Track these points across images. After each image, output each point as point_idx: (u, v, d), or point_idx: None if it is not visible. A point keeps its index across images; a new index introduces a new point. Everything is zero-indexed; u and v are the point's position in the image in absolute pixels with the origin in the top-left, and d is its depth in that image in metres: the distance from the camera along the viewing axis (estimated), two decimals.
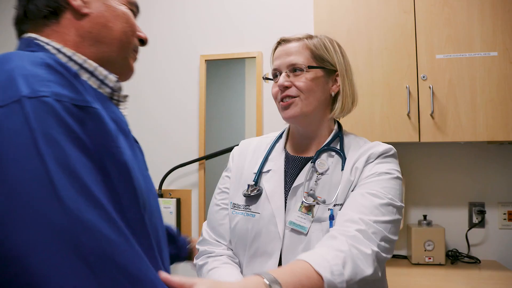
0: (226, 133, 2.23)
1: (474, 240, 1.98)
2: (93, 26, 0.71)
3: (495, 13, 1.68)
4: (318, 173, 1.01)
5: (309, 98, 1.02)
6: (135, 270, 0.52)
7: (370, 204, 0.91)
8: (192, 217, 2.21)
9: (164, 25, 2.32)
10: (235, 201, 1.07)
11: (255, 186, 1.05)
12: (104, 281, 0.49)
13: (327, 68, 1.04)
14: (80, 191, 0.51)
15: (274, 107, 2.12)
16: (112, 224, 0.52)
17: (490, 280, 1.66)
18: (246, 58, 2.19)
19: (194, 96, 2.25)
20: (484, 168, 1.99)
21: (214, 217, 1.10)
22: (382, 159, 1.00)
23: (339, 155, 1.03)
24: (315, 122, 1.06)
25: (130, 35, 0.76)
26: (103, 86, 0.70)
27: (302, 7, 2.14)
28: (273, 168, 1.07)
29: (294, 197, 1.01)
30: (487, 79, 1.68)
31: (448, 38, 1.72)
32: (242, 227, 1.03)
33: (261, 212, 1.02)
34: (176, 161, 2.20)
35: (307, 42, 1.05)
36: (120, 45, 0.74)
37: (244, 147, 1.18)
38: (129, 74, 0.81)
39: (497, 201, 1.98)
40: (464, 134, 1.69)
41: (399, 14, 1.77)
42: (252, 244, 1.01)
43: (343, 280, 0.77)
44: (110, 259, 0.50)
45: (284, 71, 1.04)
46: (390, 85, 1.76)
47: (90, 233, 0.49)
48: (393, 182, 0.97)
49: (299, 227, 0.96)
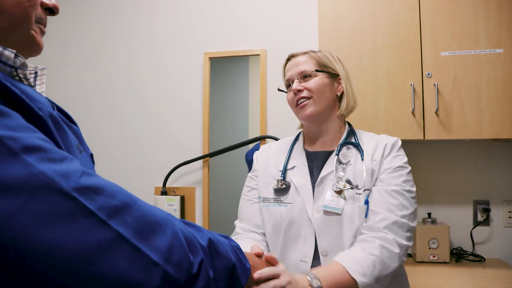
0: (230, 130, 2.23)
1: (479, 238, 1.97)
2: None
3: (500, 10, 1.67)
4: (342, 164, 1.17)
5: (320, 98, 1.19)
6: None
7: (396, 201, 1.09)
8: (196, 214, 2.21)
9: (168, 23, 2.33)
10: (264, 195, 1.22)
11: (284, 181, 1.20)
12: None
13: (331, 73, 1.23)
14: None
15: (277, 105, 2.13)
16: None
17: (494, 278, 1.65)
18: (250, 56, 2.19)
19: (198, 93, 2.25)
20: (489, 166, 1.98)
21: (248, 211, 1.26)
22: (396, 153, 1.17)
23: (356, 147, 1.20)
24: (327, 120, 1.23)
25: (26, 6, 0.66)
26: (1, 65, 0.62)
27: (306, 4, 2.13)
28: (297, 164, 1.23)
29: (321, 185, 1.16)
30: (492, 76, 1.67)
31: (453, 35, 1.71)
32: (276, 216, 1.17)
33: (292, 202, 1.17)
34: (180, 159, 2.21)
35: (311, 54, 1.24)
36: (13, 19, 0.65)
37: (265, 150, 1.35)
38: (35, 49, 0.71)
39: (502, 199, 1.97)
40: (469, 132, 1.68)
41: (404, 11, 1.76)
42: (287, 231, 1.15)
43: (373, 278, 0.97)
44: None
45: (296, 78, 1.22)
46: (395, 83, 1.75)
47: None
48: (410, 174, 1.15)
49: (334, 208, 1.11)
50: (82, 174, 0.54)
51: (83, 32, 2.44)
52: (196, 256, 0.62)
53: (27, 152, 0.50)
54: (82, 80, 2.40)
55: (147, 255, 0.55)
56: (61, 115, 0.79)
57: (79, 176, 0.53)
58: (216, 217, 2.19)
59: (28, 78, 0.67)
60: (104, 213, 0.53)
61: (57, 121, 0.66)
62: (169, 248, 0.58)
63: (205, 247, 0.64)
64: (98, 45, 2.41)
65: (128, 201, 0.57)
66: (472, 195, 2.00)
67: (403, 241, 1.05)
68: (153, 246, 0.56)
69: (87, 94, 2.40)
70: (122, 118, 2.34)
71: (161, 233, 0.58)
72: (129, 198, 0.57)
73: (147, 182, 2.28)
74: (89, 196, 0.52)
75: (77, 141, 0.77)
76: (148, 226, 0.57)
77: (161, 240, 0.57)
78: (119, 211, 0.55)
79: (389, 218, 1.06)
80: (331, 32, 1.81)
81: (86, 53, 2.41)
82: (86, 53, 2.41)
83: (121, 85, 2.36)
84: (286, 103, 1.18)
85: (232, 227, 1.28)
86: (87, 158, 0.79)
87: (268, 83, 2.15)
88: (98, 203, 0.53)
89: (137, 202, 0.58)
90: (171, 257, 0.58)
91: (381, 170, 1.15)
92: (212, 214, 2.19)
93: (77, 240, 0.50)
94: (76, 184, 0.52)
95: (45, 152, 0.52)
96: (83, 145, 0.82)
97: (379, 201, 1.10)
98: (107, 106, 2.37)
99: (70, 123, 0.82)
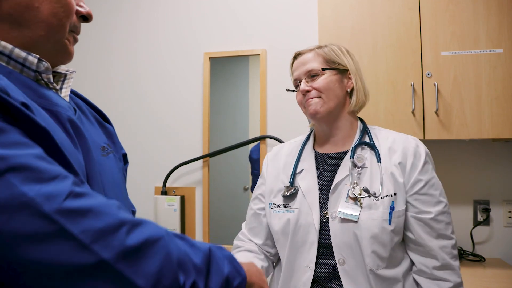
0: (230, 130, 2.23)
1: (479, 238, 1.97)
2: (14, 7, 0.63)
3: (500, 10, 1.67)
4: (357, 167, 1.12)
5: (329, 96, 1.15)
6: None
7: (439, 226, 1.07)
8: (196, 214, 2.21)
9: (168, 22, 2.32)
10: (275, 201, 1.19)
11: (291, 186, 1.17)
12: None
13: (339, 69, 1.17)
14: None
15: (277, 105, 2.14)
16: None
17: (494, 278, 1.65)
18: (250, 56, 2.19)
19: (198, 93, 2.25)
20: (489, 166, 1.98)
21: (250, 220, 1.27)
22: (425, 161, 1.12)
23: (371, 148, 1.14)
24: (338, 117, 1.18)
25: (62, 16, 0.68)
26: (26, 70, 0.64)
27: (306, 4, 2.13)
28: (306, 167, 1.19)
29: (336, 190, 1.11)
30: (493, 76, 1.67)
31: (453, 35, 1.71)
32: (284, 222, 1.14)
33: (299, 208, 1.14)
34: (180, 159, 2.21)
35: (318, 50, 1.19)
36: (49, 28, 0.66)
37: (276, 152, 1.31)
38: (66, 58, 0.74)
39: (502, 199, 1.97)
40: (469, 132, 1.68)
41: (404, 11, 1.76)
42: (293, 236, 1.12)
43: None
44: None
45: (303, 78, 1.17)
46: (395, 83, 1.75)
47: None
48: (440, 185, 1.13)
49: (350, 215, 1.06)
50: (68, 195, 0.52)
51: (83, 32, 2.40)
52: (188, 278, 0.58)
53: (13, 172, 0.50)
54: (82, 80, 2.39)
55: (131, 281, 0.52)
56: (95, 114, 0.81)
57: (63, 198, 0.51)
58: (216, 217, 2.19)
59: (52, 81, 0.68)
60: (88, 237, 0.51)
61: (76, 126, 0.67)
62: (158, 272, 0.55)
63: (199, 265, 0.61)
64: (98, 45, 2.41)
65: (116, 223, 0.54)
66: (472, 195, 2.00)
67: (457, 279, 1.07)
68: (139, 270, 0.53)
69: (87, 94, 2.38)
70: (122, 118, 2.34)
71: (150, 256, 0.55)
72: (118, 220, 0.54)
73: (147, 182, 2.28)
74: (73, 219, 0.51)
75: (106, 142, 0.77)
76: (137, 249, 0.54)
77: (150, 264, 0.54)
78: (104, 234, 0.52)
79: (438, 261, 1.06)
80: (331, 32, 1.81)
81: (86, 53, 2.41)
82: (86, 53, 2.41)
83: (121, 84, 2.36)
84: (286, 103, 1.18)
85: (232, 227, 1.29)
86: (114, 160, 0.78)
87: (268, 83, 2.15)
88: (82, 226, 0.51)
89: (126, 222, 0.55)
90: (160, 281, 0.55)
91: (414, 182, 1.09)
92: (212, 214, 2.19)
93: (58, 264, 0.49)
94: (59, 206, 0.50)
95: (33, 172, 0.51)
96: (115, 145, 0.83)
97: (422, 233, 1.08)
98: (107, 106, 2.37)
99: (103, 122, 0.82)
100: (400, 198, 1.08)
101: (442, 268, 1.06)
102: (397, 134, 1.18)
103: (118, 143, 0.86)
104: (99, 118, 0.85)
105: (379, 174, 1.09)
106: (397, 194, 1.08)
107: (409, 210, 1.10)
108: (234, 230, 1.33)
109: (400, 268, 1.09)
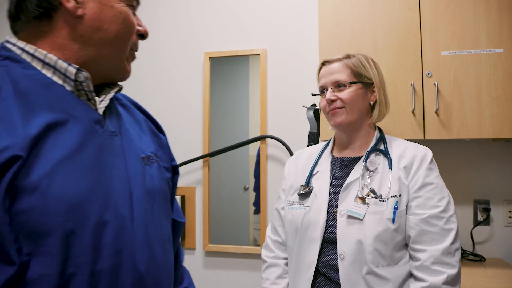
0: (230, 130, 2.23)
1: (479, 238, 1.97)
2: (86, 29, 0.67)
3: (501, 9, 1.67)
4: (369, 171, 1.19)
5: (353, 108, 1.22)
6: None
7: (439, 229, 1.10)
8: (196, 214, 2.21)
9: (168, 22, 2.32)
10: (291, 199, 1.29)
11: (306, 186, 1.26)
12: None
13: (365, 82, 1.23)
14: None
15: (277, 105, 2.13)
16: None
17: (495, 278, 1.65)
18: (250, 55, 2.19)
19: (198, 93, 2.25)
20: (490, 166, 1.98)
21: (275, 219, 1.39)
22: (428, 166, 1.17)
23: (384, 155, 1.21)
24: (358, 128, 1.26)
25: (126, 37, 0.72)
26: (68, 80, 0.66)
27: (306, 4, 2.13)
28: (321, 169, 1.28)
29: (347, 190, 1.19)
30: (493, 76, 1.67)
31: (453, 34, 1.71)
32: (296, 218, 1.23)
33: (310, 206, 1.22)
34: (180, 158, 2.21)
35: (346, 61, 1.24)
36: (113, 47, 0.70)
37: (297, 155, 1.42)
38: (123, 75, 0.77)
39: (503, 198, 1.97)
40: (469, 131, 1.68)
41: (404, 11, 1.76)
42: (302, 232, 1.21)
43: None
44: None
45: (330, 87, 1.24)
46: (395, 82, 1.75)
47: None
48: (443, 192, 1.15)
49: (356, 213, 1.13)
50: None
51: None
52: None
53: None
54: None
55: None
56: (150, 124, 0.85)
57: None
58: (216, 217, 2.19)
59: (92, 90, 0.69)
60: None
61: (94, 134, 0.67)
62: None
63: None
64: None
65: None
66: (472, 194, 2.00)
67: (453, 271, 1.07)
68: None
69: None
70: None
71: None
72: None
73: None
74: None
75: (154, 151, 0.79)
76: None
77: None
78: None
79: (434, 254, 1.08)
80: (331, 32, 1.81)
81: None
82: None
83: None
84: (286, 103, 1.20)
85: (232, 227, 1.30)
86: (157, 169, 0.79)
87: (268, 82, 2.15)
88: None
89: None
90: None
91: (415, 184, 1.15)
92: (212, 214, 2.19)
93: None
94: None
95: None
96: (166, 155, 0.85)
97: (421, 236, 1.11)
98: None
99: (158, 133, 0.85)
100: (404, 198, 1.15)
101: (436, 262, 1.09)
102: (411, 144, 1.24)
103: (169, 154, 0.89)
104: (154, 129, 0.88)
105: (388, 179, 1.15)
106: (402, 195, 1.14)
107: (408, 210, 1.15)
108: (234, 230, 1.34)
109: (400, 268, 1.12)
